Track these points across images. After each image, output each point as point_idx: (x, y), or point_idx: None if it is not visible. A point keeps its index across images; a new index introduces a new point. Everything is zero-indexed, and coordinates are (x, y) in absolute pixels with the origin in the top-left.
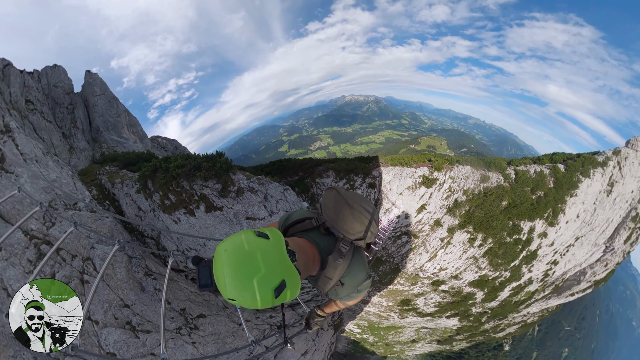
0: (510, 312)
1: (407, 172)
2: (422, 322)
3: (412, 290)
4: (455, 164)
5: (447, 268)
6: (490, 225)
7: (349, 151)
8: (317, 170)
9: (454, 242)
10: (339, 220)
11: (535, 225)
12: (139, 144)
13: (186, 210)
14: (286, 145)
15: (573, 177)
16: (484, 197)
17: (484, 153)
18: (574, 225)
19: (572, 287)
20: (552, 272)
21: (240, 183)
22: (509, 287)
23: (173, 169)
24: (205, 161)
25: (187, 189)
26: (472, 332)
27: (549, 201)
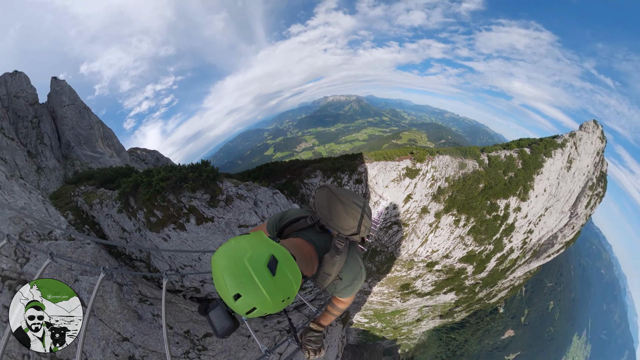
0: (499, 279)
1: (391, 166)
2: (422, 301)
3: (409, 274)
4: (435, 155)
5: (438, 249)
6: (471, 206)
7: (334, 150)
8: (305, 171)
9: (442, 225)
10: (333, 218)
11: (510, 201)
12: (116, 158)
13: (175, 225)
14: (272, 148)
15: (538, 158)
16: (464, 182)
17: (460, 143)
18: (542, 198)
19: (547, 250)
20: (529, 239)
21: (229, 191)
22: (494, 258)
23: (156, 182)
24: (191, 171)
25: (175, 202)
26: (468, 302)
27: (519, 180)
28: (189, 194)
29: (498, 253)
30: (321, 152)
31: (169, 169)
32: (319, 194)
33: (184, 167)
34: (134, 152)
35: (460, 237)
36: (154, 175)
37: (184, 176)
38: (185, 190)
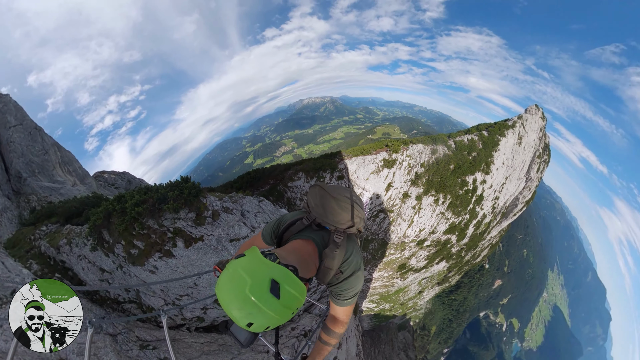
0: (479, 241)
1: (369, 159)
2: (420, 275)
3: (403, 255)
4: (409, 144)
5: (425, 228)
6: (446, 185)
7: (314, 151)
8: (287, 175)
9: (424, 206)
10: (328, 214)
11: (477, 176)
12: (79, 186)
13: (162, 254)
14: (251, 156)
15: (494, 138)
16: (437, 165)
17: (430, 132)
18: (502, 170)
19: (513, 210)
20: (497, 204)
21: (214, 205)
22: (471, 225)
23: (131, 208)
24: (170, 190)
25: (156, 227)
26: (458, 266)
27: (482, 158)
28: (172, 215)
29: (474, 220)
30: (301, 154)
31: (144, 191)
32: (312, 193)
33: (161, 186)
34: (101, 177)
35: (441, 213)
36: (128, 201)
37: (163, 197)
38: (166, 212)
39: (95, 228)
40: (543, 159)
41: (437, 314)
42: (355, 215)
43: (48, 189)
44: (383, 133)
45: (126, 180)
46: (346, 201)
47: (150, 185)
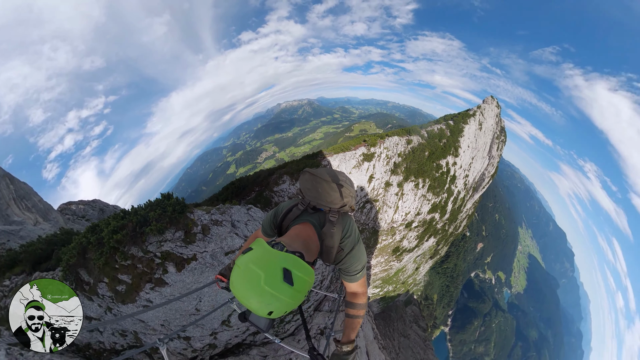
0: (458, 214)
1: (349, 155)
2: (413, 254)
3: (395, 239)
4: (385, 138)
5: (410, 211)
6: (424, 170)
7: (295, 153)
8: (272, 180)
9: (406, 191)
10: (321, 196)
11: (448, 160)
12: (43, 224)
13: (153, 284)
14: (233, 165)
15: (459, 126)
16: (413, 153)
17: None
18: (468, 152)
19: (481, 184)
20: (468, 181)
21: (202, 220)
22: (450, 201)
23: (108, 238)
24: (152, 210)
25: (141, 255)
26: (445, 238)
27: (450, 143)
28: (157, 237)
29: (451, 197)
30: (283, 158)
31: (120, 216)
32: (302, 179)
33: (140, 208)
34: (68, 210)
35: (423, 196)
36: (103, 229)
37: (144, 219)
38: (149, 235)
39: (70, 269)
40: (501, 139)
41: (436, 284)
42: (345, 195)
43: (4, 234)
44: (360, 130)
45: (98, 209)
46: (335, 181)
47: (127, 210)
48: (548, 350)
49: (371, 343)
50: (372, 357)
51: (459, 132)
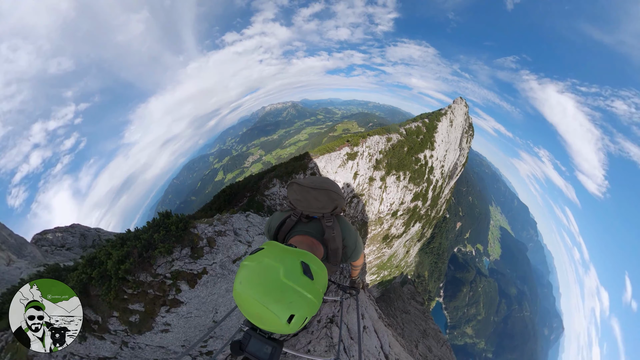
0: (438, 200)
1: (334, 155)
2: (402, 239)
3: (383, 228)
4: (367, 137)
5: (394, 201)
6: (404, 164)
7: (282, 155)
8: (262, 184)
9: (388, 184)
10: (312, 204)
11: (425, 153)
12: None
13: (168, 306)
14: (221, 172)
15: (433, 123)
16: (393, 150)
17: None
18: (442, 146)
19: (455, 172)
20: (443, 170)
21: (207, 233)
22: (430, 189)
23: (115, 268)
24: (155, 232)
25: (151, 280)
26: (429, 222)
27: (426, 139)
28: (165, 258)
29: (430, 186)
30: (270, 161)
31: (120, 243)
32: (290, 190)
33: (140, 231)
34: (44, 240)
35: (405, 187)
36: (105, 261)
37: (148, 242)
38: (157, 257)
39: None
40: (469, 133)
41: (425, 262)
42: (334, 198)
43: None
44: (343, 129)
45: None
46: (323, 188)
47: (125, 234)
48: (527, 301)
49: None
50: (379, 334)
51: (434, 129)
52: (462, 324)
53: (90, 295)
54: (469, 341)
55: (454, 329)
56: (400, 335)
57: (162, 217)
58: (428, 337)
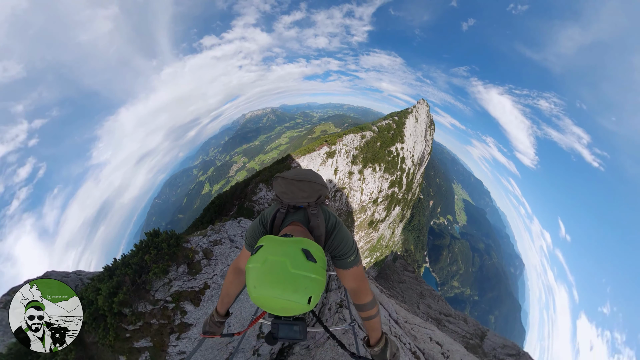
0: (412, 184)
1: (315, 155)
2: (386, 223)
3: (367, 214)
4: (343, 136)
5: (373, 190)
6: (378, 157)
7: (264, 160)
8: (249, 190)
9: (366, 175)
10: (297, 195)
11: (397, 146)
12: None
13: (177, 332)
14: (207, 184)
15: (402, 120)
16: (367, 145)
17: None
18: (411, 138)
19: (423, 159)
20: (414, 159)
21: (201, 245)
22: (404, 176)
23: (108, 304)
24: (145, 254)
25: (151, 308)
26: (407, 204)
27: (397, 134)
28: (162, 281)
29: (404, 173)
30: (254, 167)
31: (107, 276)
32: (276, 184)
33: (126, 257)
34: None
35: (381, 177)
36: (94, 300)
37: (140, 266)
38: (153, 281)
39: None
40: (431, 127)
41: (409, 238)
42: (317, 188)
43: None
44: (321, 130)
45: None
46: (306, 179)
47: (109, 266)
48: (493, 251)
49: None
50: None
51: (403, 125)
52: (449, 280)
53: (86, 344)
54: (457, 291)
55: (443, 285)
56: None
57: (150, 236)
58: (425, 297)
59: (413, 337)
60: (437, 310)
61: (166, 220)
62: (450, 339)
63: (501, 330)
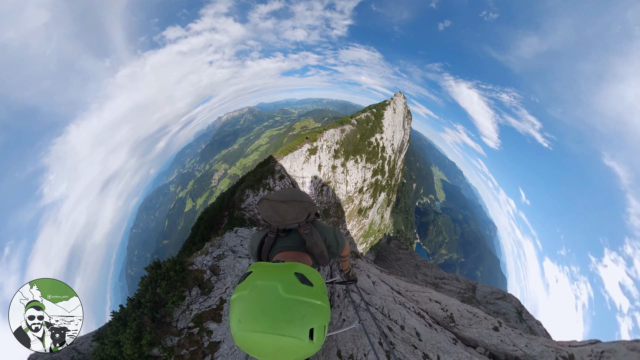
0: (394, 171)
1: (297, 153)
2: (374, 209)
3: (355, 204)
4: (323, 132)
5: (357, 181)
6: (359, 149)
7: (246, 164)
8: (236, 199)
9: (349, 168)
10: (285, 218)
11: (376, 137)
12: None
13: (209, 354)
14: (189, 200)
15: (380, 112)
16: (348, 139)
17: (338, 116)
18: (390, 129)
19: (403, 146)
20: (394, 147)
21: (206, 263)
22: (385, 164)
23: (136, 351)
24: (156, 287)
25: (177, 339)
26: (391, 190)
27: (375, 125)
28: (180, 309)
29: (385, 161)
30: (236, 173)
31: (120, 326)
32: (261, 208)
33: (138, 295)
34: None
35: (364, 167)
36: (117, 356)
37: (153, 302)
38: (173, 310)
39: None
40: (409, 117)
41: (398, 219)
42: (305, 207)
43: None
44: (301, 127)
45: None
46: (292, 199)
47: (114, 314)
48: (471, 220)
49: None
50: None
51: (381, 116)
52: (437, 249)
53: None
54: (446, 257)
55: (434, 255)
56: (402, 276)
57: (151, 270)
58: (421, 268)
59: (415, 302)
60: (433, 276)
61: (150, 251)
62: (446, 296)
63: (487, 281)
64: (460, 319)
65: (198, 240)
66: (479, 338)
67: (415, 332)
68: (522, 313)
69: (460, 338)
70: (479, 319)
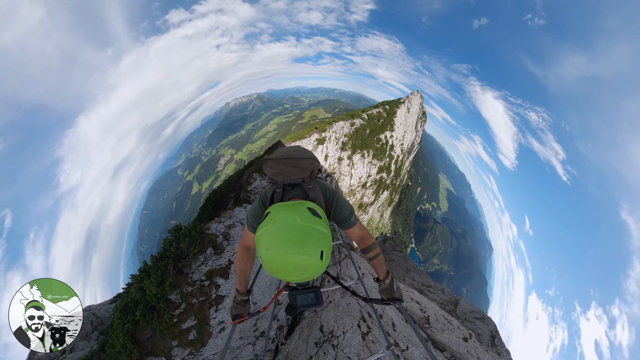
0: (400, 171)
1: (305, 142)
2: (375, 206)
3: (357, 198)
4: (333, 123)
5: (362, 175)
6: (367, 144)
7: (252, 150)
8: (243, 181)
9: (355, 161)
10: (290, 174)
11: (386, 134)
12: None
13: (215, 305)
14: (195, 183)
15: (393, 109)
16: (356, 132)
17: (350, 109)
18: (401, 128)
19: (413, 148)
20: (403, 147)
21: (219, 229)
22: (392, 163)
23: (158, 292)
24: (180, 242)
25: (191, 289)
26: (395, 190)
27: (387, 122)
28: (197, 263)
29: (392, 160)
30: (242, 158)
31: (145, 272)
32: (266, 168)
33: (163, 250)
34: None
35: (370, 163)
36: (141, 299)
37: (176, 255)
38: (192, 263)
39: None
40: (423, 119)
41: (397, 221)
42: (308, 163)
43: None
44: (311, 116)
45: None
46: (295, 156)
47: (142, 267)
48: (468, 235)
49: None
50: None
51: (393, 114)
52: (430, 258)
53: (142, 342)
54: (437, 267)
55: (425, 262)
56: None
57: (174, 232)
58: (410, 272)
59: None
60: (420, 282)
61: (159, 230)
62: (427, 299)
63: (471, 299)
64: (435, 323)
65: (206, 218)
66: (448, 344)
67: (392, 323)
68: (495, 338)
69: (432, 339)
70: (452, 327)
